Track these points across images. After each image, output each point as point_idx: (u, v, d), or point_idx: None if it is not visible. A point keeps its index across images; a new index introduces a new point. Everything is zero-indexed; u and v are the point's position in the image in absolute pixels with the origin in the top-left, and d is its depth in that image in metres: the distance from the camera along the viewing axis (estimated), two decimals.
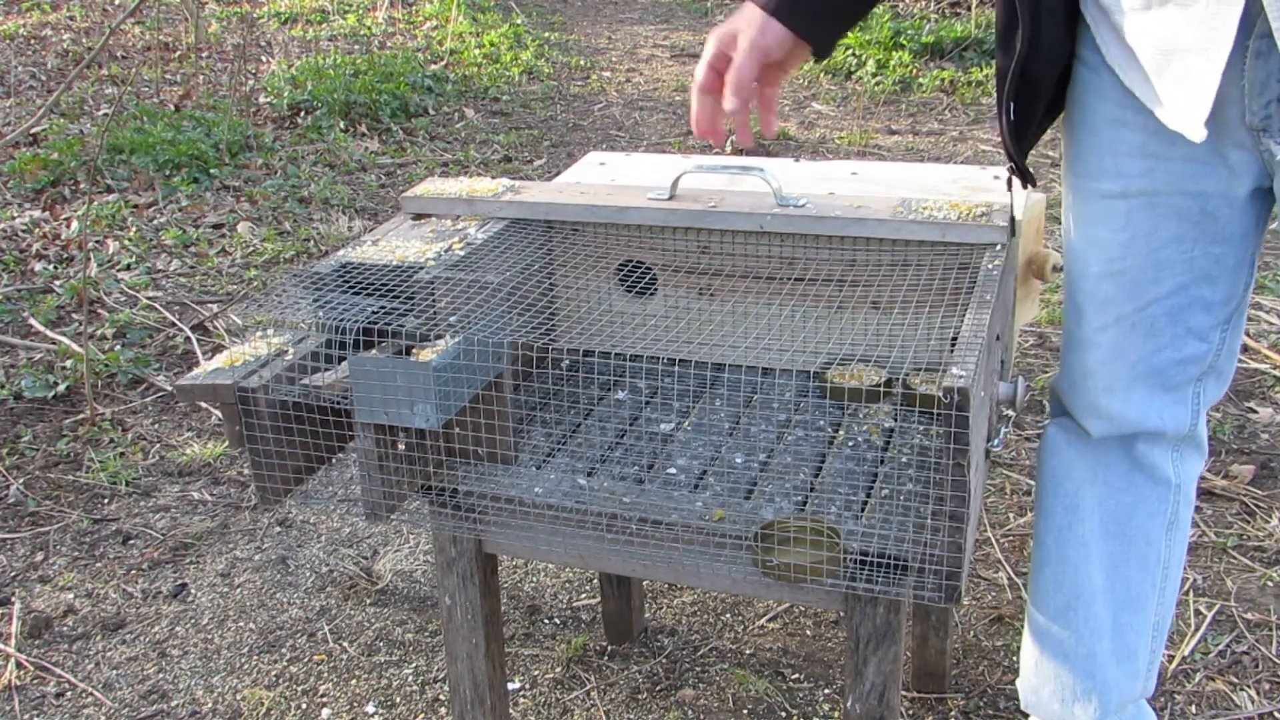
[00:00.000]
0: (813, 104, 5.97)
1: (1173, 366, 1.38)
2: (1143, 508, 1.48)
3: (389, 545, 2.38)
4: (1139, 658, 1.54)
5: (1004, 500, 2.46)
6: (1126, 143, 1.28)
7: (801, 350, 1.54)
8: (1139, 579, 1.50)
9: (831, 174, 1.68)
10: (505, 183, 1.61)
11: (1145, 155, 1.27)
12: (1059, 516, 1.51)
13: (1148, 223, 1.30)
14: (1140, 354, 1.37)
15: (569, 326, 1.62)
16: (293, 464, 1.28)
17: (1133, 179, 1.29)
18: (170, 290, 3.61)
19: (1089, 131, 1.32)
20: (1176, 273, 1.32)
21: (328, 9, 7.91)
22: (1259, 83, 1.15)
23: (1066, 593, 1.52)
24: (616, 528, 1.25)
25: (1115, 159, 1.30)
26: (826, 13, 1.32)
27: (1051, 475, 1.52)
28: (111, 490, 2.59)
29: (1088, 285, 1.37)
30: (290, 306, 1.32)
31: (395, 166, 4.86)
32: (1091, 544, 1.49)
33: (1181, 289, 1.33)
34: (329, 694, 1.97)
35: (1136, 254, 1.32)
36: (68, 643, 2.12)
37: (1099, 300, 1.37)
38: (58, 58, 6.30)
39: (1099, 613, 1.51)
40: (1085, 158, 1.33)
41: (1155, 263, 1.32)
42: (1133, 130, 1.27)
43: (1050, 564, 1.53)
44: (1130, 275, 1.33)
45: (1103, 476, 1.48)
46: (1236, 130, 1.20)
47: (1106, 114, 1.29)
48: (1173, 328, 1.35)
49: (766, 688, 1.94)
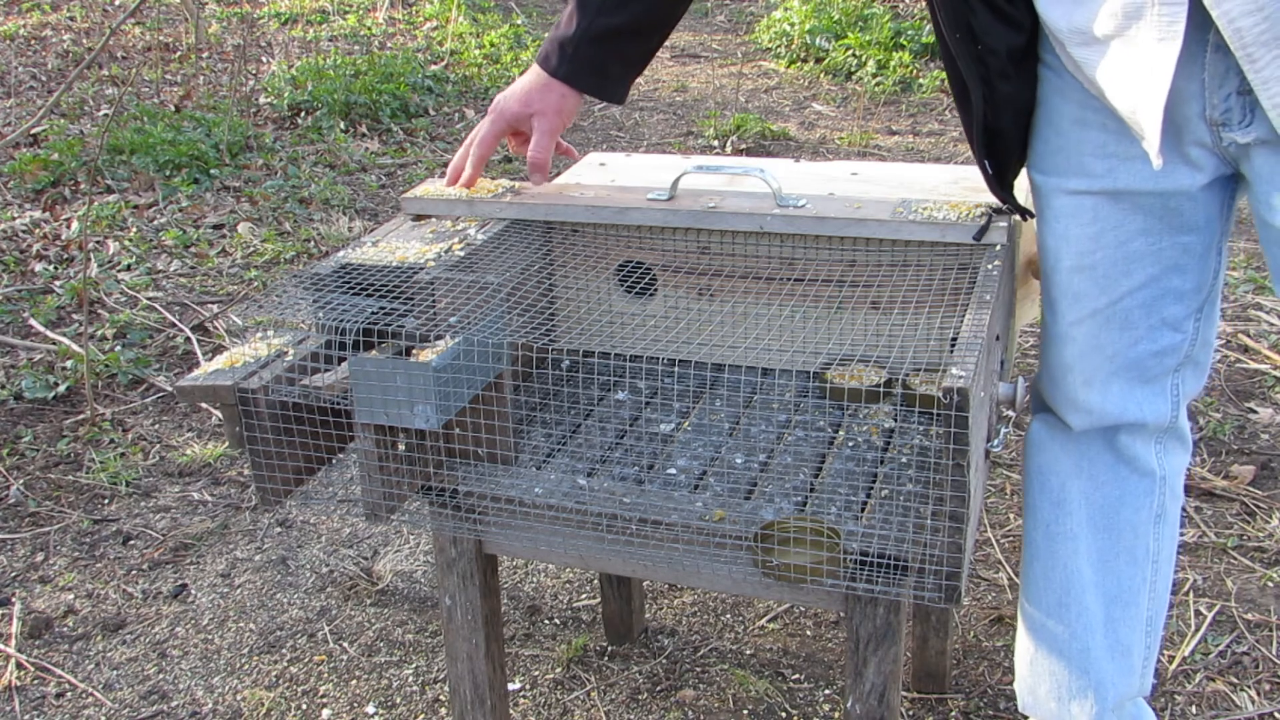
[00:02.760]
0: (813, 104, 5.97)
1: (1150, 358, 1.39)
2: (1129, 501, 1.49)
3: (389, 546, 2.39)
4: (1133, 653, 1.54)
5: (1004, 500, 2.46)
6: (1090, 143, 1.30)
7: (801, 350, 1.54)
8: (1129, 573, 1.51)
9: (831, 174, 1.68)
10: (505, 184, 1.61)
11: (1106, 155, 1.29)
12: (1046, 511, 1.52)
13: (1114, 217, 1.32)
14: (1117, 347, 1.38)
15: (569, 327, 1.62)
16: (293, 465, 1.28)
17: (1096, 178, 1.31)
18: (170, 291, 3.61)
19: (1054, 131, 1.34)
20: (1146, 265, 1.33)
21: (328, 9, 7.91)
22: (1219, 75, 1.16)
23: (1057, 588, 1.52)
24: (617, 528, 1.25)
25: (1080, 158, 1.32)
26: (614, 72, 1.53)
27: (1038, 471, 1.52)
28: (112, 491, 2.59)
29: (1060, 280, 1.39)
30: (290, 307, 1.32)
31: (395, 167, 4.86)
32: (1080, 538, 1.50)
33: (1153, 280, 1.34)
34: (329, 694, 1.97)
35: (1105, 247, 1.33)
36: (68, 643, 2.12)
37: (1071, 295, 1.38)
38: (58, 58, 6.30)
39: (1090, 607, 1.51)
40: (1052, 156, 1.35)
41: (1125, 256, 1.33)
42: (1094, 130, 1.29)
43: (1039, 559, 1.54)
44: (1101, 269, 1.35)
45: (1088, 470, 1.48)
46: (1196, 127, 1.21)
47: (1070, 114, 1.31)
48: (1147, 320, 1.37)
49: (767, 688, 1.94)
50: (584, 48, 1.48)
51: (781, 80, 6.51)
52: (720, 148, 5.11)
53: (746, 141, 5.17)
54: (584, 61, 1.48)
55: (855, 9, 7.12)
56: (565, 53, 1.49)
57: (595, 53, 1.48)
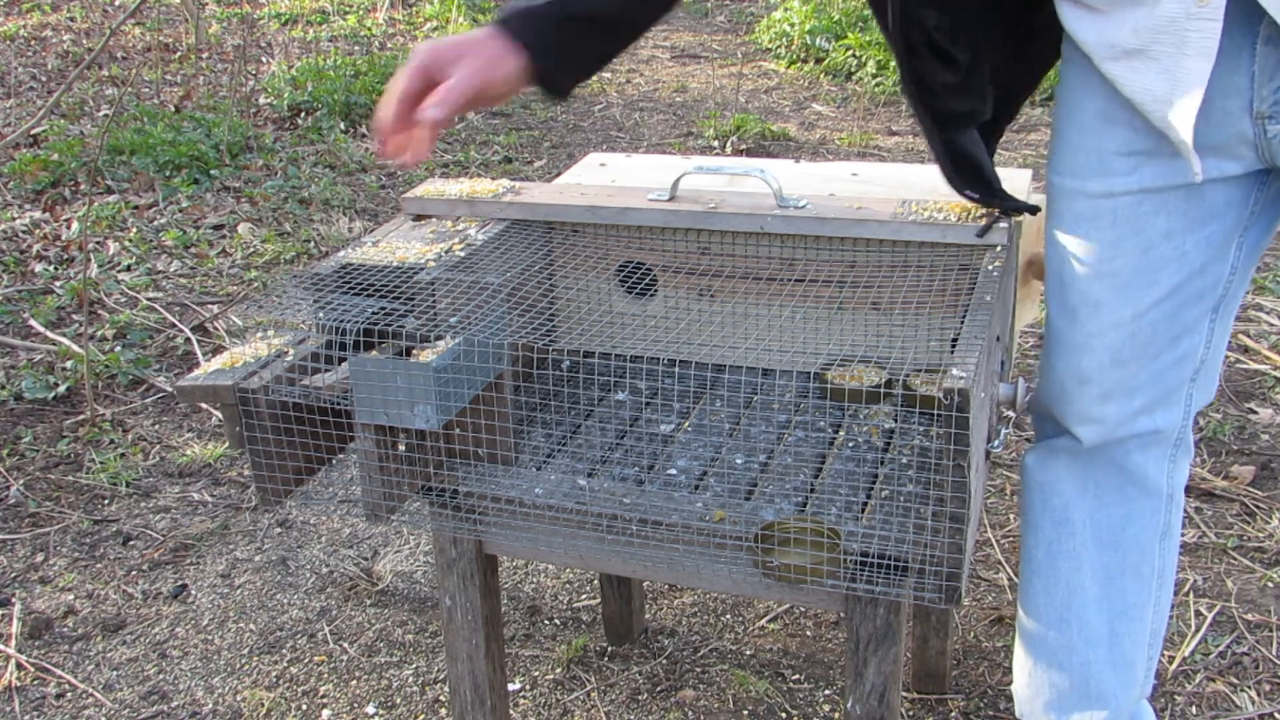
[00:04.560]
0: (813, 105, 5.97)
1: (1170, 368, 1.37)
2: (1136, 519, 1.46)
3: (389, 546, 2.38)
4: (1137, 665, 1.53)
5: (1004, 501, 2.46)
6: (1114, 139, 1.27)
7: (802, 351, 1.54)
8: (1135, 589, 1.49)
9: (832, 175, 1.69)
10: (505, 184, 1.61)
11: (1131, 153, 1.27)
12: (1048, 530, 1.49)
13: (1135, 221, 1.29)
14: (1141, 361, 1.36)
15: (569, 327, 1.62)
16: (293, 465, 1.28)
17: (1119, 177, 1.28)
18: (170, 291, 3.61)
19: (1076, 129, 1.31)
20: (1170, 271, 1.31)
21: (328, 10, 7.91)
22: (1270, 68, 1.14)
23: (1059, 604, 1.51)
24: (617, 528, 1.25)
25: (1101, 157, 1.29)
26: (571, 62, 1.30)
27: (1039, 489, 1.50)
28: (112, 491, 2.59)
29: (1080, 287, 1.36)
30: (290, 307, 1.32)
31: (395, 168, 4.86)
32: (1083, 556, 1.48)
33: (1176, 290, 1.32)
34: (329, 695, 1.97)
35: (1126, 254, 1.31)
36: (68, 643, 2.12)
37: (1092, 303, 1.35)
38: (58, 59, 6.30)
39: (1093, 622, 1.50)
40: (1072, 157, 1.33)
41: (1148, 263, 1.30)
42: (1120, 127, 1.26)
43: (1040, 576, 1.52)
44: (1123, 277, 1.32)
45: (1093, 491, 1.46)
46: (1239, 120, 1.18)
47: (1094, 109, 1.29)
48: (1170, 330, 1.34)
49: (767, 689, 1.94)
50: (551, 25, 1.30)
51: (781, 80, 6.51)
52: (720, 148, 5.11)
53: (746, 142, 5.17)
54: (548, 37, 1.29)
55: (855, 9, 7.12)
56: (530, 22, 1.29)
57: (563, 35, 1.31)
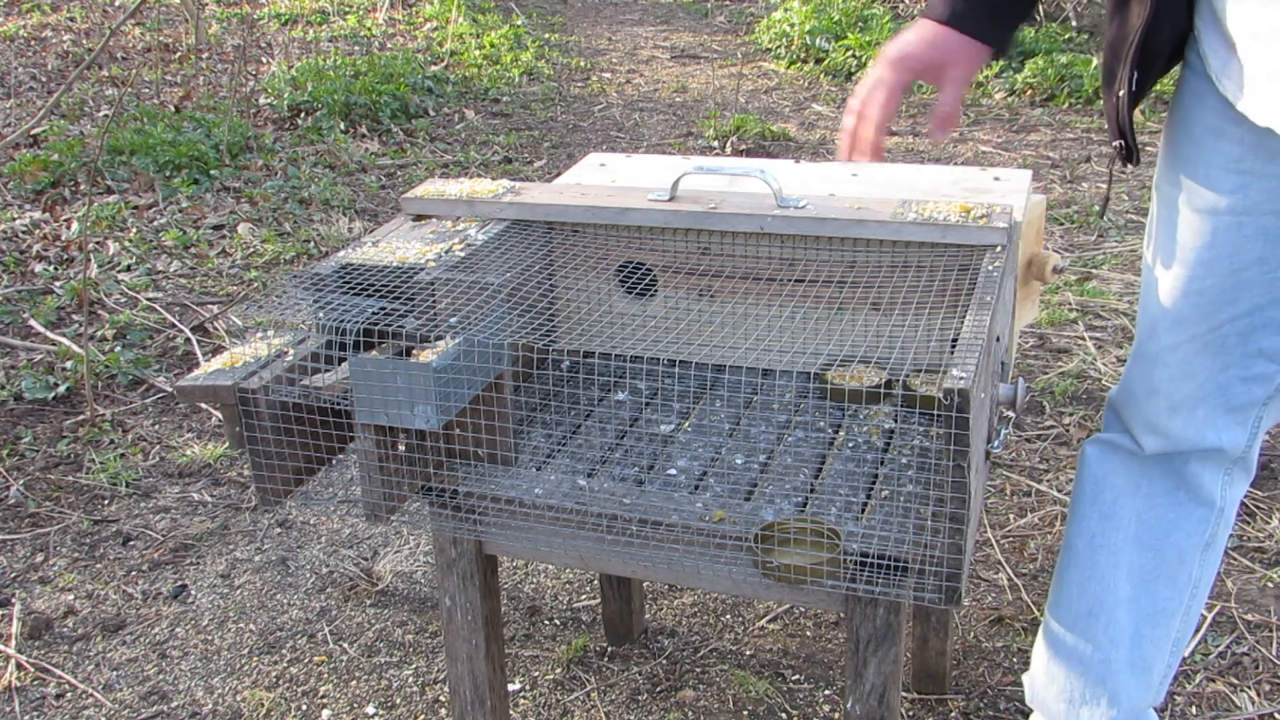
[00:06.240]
0: (813, 105, 5.97)
1: (1238, 384, 1.35)
2: (1183, 526, 1.46)
3: (389, 546, 2.38)
4: (1154, 670, 1.53)
5: (1004, 501, 2.46)
6: (1223, 155, 1.25)
7: (802, 351, 1.54)
8: (1166, 595, 1.49)
9: (832, 175, 1.68)
10: (505, 184, 1.61)
11: (1240, 171, 1.24)
12: (1093, 522, 1.50)
13: (1232, 243, 1.27)
14: (1208, 373, 1.35)
15: (569, 328, 1.62)
16: (293, 465, 1.28)
17: (1224, 195, 1.26)
18: (170, 291, 3.61)
19: (1189, 141, 1.30)
20: (1256, 294, 1.29)
21: (328, 10, 7.92)
22: None
23: (1090, 599, 1.51)
24: (617, 529, 1.25)
25: (1209, 171, 1.27)
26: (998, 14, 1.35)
27: (1092, 479, 1.50)
28: (112, 491, 2.59)
29: (1165, 300, 1.35)
30: (290, 308, 1.32)
31: (395, 168, 4.86)
32: (1123, 554, 1.48)
33: (1257, 309, 1.30)
34: (329, 695, 1.97)
35: (1218, 274, 1.29)
36: (68, 644, 2.12)
37: (1174, 318, 1.34)
38: (58, 59, 6.30)
39: (1120, 621, 1.50)
40: (1181, 168, 1.31)
41: (1236, 284, 1.29)
42: (1230, 142, 1.24)
43: (1077, 567, 1.52)
44: (1208, 295, 1.31)
45: (1145, 489, 1.46)
46: None
47: (1206, 122, 1.27)
48: (1243, 346, 1.33)
49: (767, 689, 1.94)
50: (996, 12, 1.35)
51: (781, 81, 6.51)
52: (720, 148, 5.11)
53: (746, 142, 5.17)
54: (979, 7, 1.35)
55: (855, 9, 7.13)
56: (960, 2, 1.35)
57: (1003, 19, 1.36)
